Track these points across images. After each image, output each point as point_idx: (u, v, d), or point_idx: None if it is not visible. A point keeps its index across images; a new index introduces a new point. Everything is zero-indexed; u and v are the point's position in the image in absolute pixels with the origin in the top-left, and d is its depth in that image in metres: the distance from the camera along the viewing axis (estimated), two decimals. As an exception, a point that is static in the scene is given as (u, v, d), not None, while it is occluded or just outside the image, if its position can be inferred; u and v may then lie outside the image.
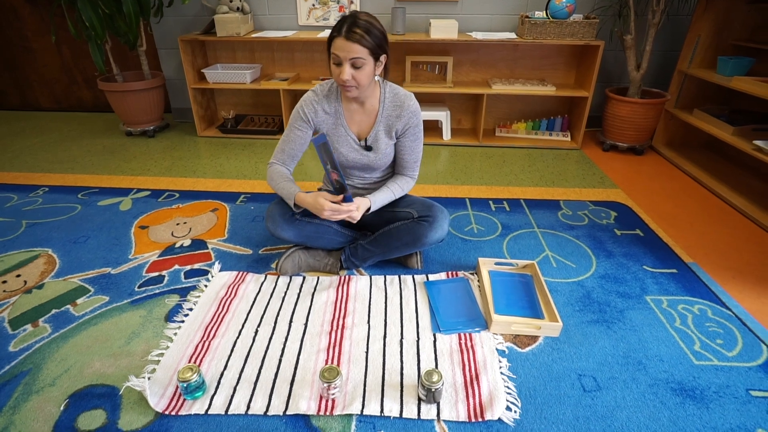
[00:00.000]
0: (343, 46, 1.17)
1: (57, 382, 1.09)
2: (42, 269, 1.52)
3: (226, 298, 1.38)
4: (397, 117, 1.35)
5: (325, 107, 1.36)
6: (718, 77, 2.18)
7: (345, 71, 1.19)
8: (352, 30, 1.16)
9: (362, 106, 1.36)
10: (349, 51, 1.17)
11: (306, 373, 1.12)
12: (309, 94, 1.37)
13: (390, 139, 1.39)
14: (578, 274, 1.52)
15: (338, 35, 1.18)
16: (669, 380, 1.10)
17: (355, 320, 1.29)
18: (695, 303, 1.38)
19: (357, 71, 1.20)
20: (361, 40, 1.16)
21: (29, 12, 3.06)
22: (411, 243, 1.40)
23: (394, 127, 1.36)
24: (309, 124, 1.37)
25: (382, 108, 1.36)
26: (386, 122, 1.36)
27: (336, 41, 1.18)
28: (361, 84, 1.23)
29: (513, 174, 2.33)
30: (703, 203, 2.04)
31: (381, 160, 1.40)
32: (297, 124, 1.37)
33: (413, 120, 1.36)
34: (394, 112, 1.35)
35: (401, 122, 1.35)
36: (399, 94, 1.36)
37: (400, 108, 1.35)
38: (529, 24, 2.41)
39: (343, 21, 1.18)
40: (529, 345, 1.22)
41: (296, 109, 1.37)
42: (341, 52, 1.18)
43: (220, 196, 2.05)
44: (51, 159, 2.51)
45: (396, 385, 1.09)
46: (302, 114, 1.35)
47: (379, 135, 1.37)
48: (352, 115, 1.37)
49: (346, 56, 1.18)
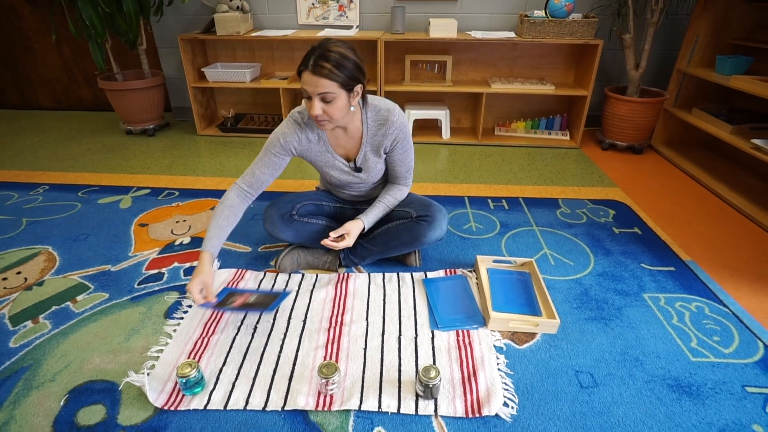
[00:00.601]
0: (310, 80, 1.09)
1: (57, 377, 1.10)
2: (42, 266, 1.53)
3: (225, 295, 1.38)
4: (383, 135, 1.30)
5: (309, 136, 1.30)
6: (717, 76, 2.18)
7: (315, 106, 1.12)
8: (319, 64, 1.08)
9: (345, 131, 1.31)
10: (317, 86, 1.09)
11: (304, 369, 1.12)
12: (290, 125, 1.28)
13: (379, 157, 1.36)
14: (576, 271, 1.53)
15: (305, 69, 1.09)
16: (666, 377, 1.11)
17: (353, 317, 1.30)
18: (692, 300, 1.38)
19: (328, 105, 1.13)
20: (329, 75, 1.08)
21: (29, 11, 3.07)
22: (410, 242, 1.41)
23: (382, 146, 1.32)
24: (288, 153, 1.30)
25: (366, 129, 1.30)
26: (372, 142, 1.32)
27: (303, 75, 1.10)
28: (333, 118, 1.16)
29: (512, 173, 2.34)
30: (701, 202, 2.04)
31: (373, 177, 1.40)
32: (275, 150, 1.28)
33: (400, 134, 1.31)
34: (379, 131, 1.30)
35: (388, 140, 1.31)
36: (381, 110, 1.29)
37: (384, 126, 1.29)
38: (528, 23, 2.41)
39: (311, 53, 1.10)
40: (527, 342, 1.23)
41: (276, 137, 1.28)
42: (309, 86, 1.10)
43: (220, 194, 2.06)
44: (51, 157, 2.52)
45: (394, 381, 1.09)
46: (283, 143, 1.27)
47: (367, 155, 1.34)
48: (337, 140, 1.33)
49: (315, 91, 1.10)
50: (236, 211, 1.29)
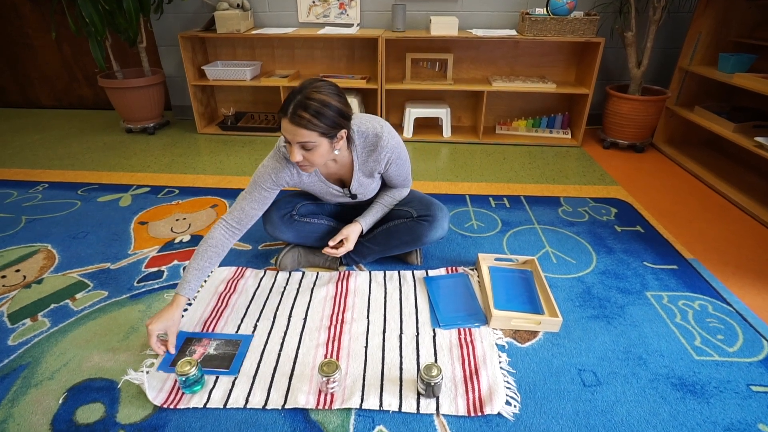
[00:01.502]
0: (289, 129, 1.04)
1: (56, 375, 1.09)
2: (41, 264, 1.52)
3: (225, 293, 1.38)
4: (375, 161, 1.26)
5: (299, 170, 1.24)
6: (720, 74, 2.17)
7: (294, 153, 1.07)
8: (297, 113, 1.02)
9: (335, 161, 1.26)
10: (296, 135, 1.04)
11: (305, 367, 1.12)
12: (279, 160, 1.21)
13: (373, 179, 1.33)
14: (578, 270, 1.52)
15: (284, 115, 1.04)
16: (669, 375, 1.10)
17: (354, 315, 1.29)
18: (696, 299, 1.37)
19: (308, 153, 1.08)
20: (308, 125, 1.02)
21: (30, 9, 3.06)
22: (411, 242, 1.40)
23: (375, 170, 1.29)
24: (279, 187, 1.25)
25: (356, 156, 1.25)
26: (364, 168, 1.28)
27: (283, 123, 1.05)
28: (315, 164, 1.12)
29: (513, 171, 2.33)
30: (703, 200, 2.03)
31: (370, 195, 1.39)
32: (266, 185, 1.22)
33: (392, 156, 1.25)
34: (370, 157, 1.25)
35: (381, 164, 1.26)
36: (369, 136, 1.23)
37: (375, 152, 1.24)
38: (529, 21, 2.40)
39: (291, 98, 1.04)
40: (529, 340, 1.22)
41: (267, 173, 1.22)
42: (288, 134, 1.05)
43: (220, 193, 2.05)
44: (51, 156, 2.51)
45: (395, 379, 1.08)
46: (275, 179, 1.22)
47: (361, 181, 1.31)
48: (329, 170, 1.30)
49: (293, 139, 1.05)
50: (220, 252, 1.21)
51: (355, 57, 2.82)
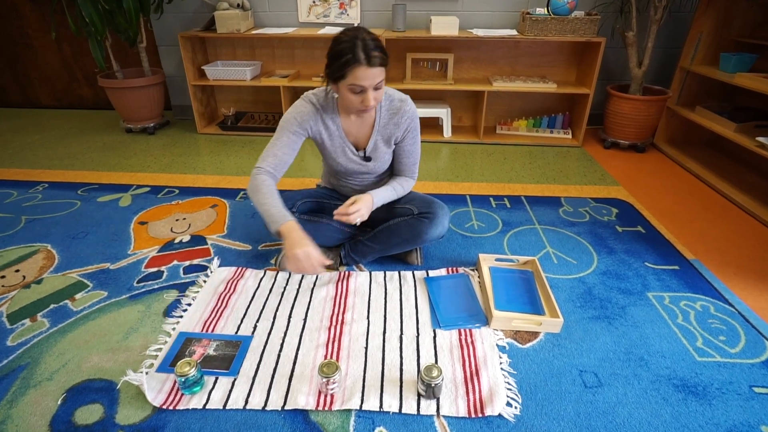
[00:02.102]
0: (368, 74, 1.09)
1: (55, 376, 1.09)
2: (41, 264, 1.52)
3: (224, 293, 1.37)
4: (395, 125, 1.30)
5: (324, 118, 1.28)
6: (721, 74, 2.16)
7: (370, 98, 1.12)
8: (372, 55, 1.08)
9: (360, 117, 1.30)
10: (374, 77, 1.10)
11: (305, 368, 1.11)
12: (306, 106, 1.26)
13: (389, 147, 1.36)
14: (579, 270, 1.51)
15: (359, 64, 1.07)
16: (671, 376, 1.09)
17: (354, 316, 1.28)
18: (697, 300, 1.36)
19: (378, 92, 1.15)
20: (383, 62, 1.10)
21: (30, 9, 3.06)
22: (411, 240, 1.39)
23: (393, 135, 1.32)
24: (305, 132, 1.28)
25: (378, 117, 1.30)
26: (384, 131, 1.32)
27: (359, 71, 1.08)
28: (379, 100, 1.18)
29: (514, 171, 2.32)
30: (704, 200, 2.02)
31: (380, 168, 1.39)
32: (293, 128, 1.26)
33: (412, 124, 1.32)
34: (392, 120, 1.30)
35: (400, 129, 1.31)
36: (394, 99, 1.31)
37: (397, 115, 1.29)
38: (530, 20, 2.40)
39: (355, 46, 1.07)
40: (530, 341, 1.21)
41: (291, 117, 1.25)
42: (367, 81, 1.09)
43: (220, 193, 2.05)
44: (51, 156, 2.51)
45: (395, 380, 1.08)
46: (300, 121, 1.25)
47: (377, 144, 1.34)
48: (350, 127, 1.32)
49: (372, 83, 1.11)
50: (275, 190, 1.24)
51: (355, 57, 2.81)
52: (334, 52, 1.11)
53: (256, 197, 1.22)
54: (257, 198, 1.21)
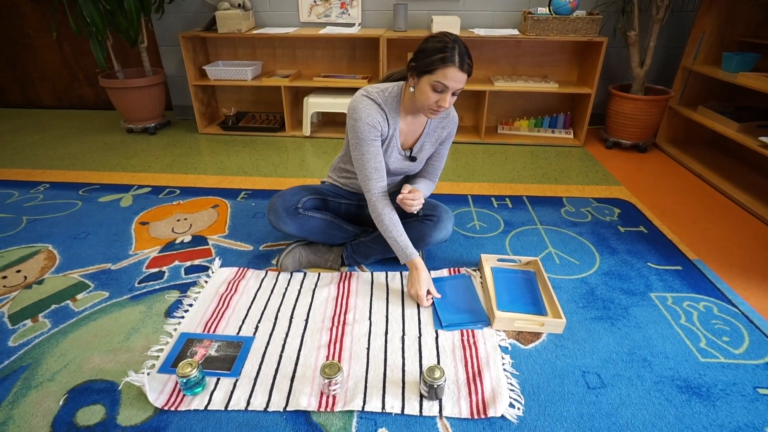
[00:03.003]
0: (458, 77, 1.12)
1: (56, 377, 1.09)
2: (42, 265, 1.51)
3: (226, 294, 1.37)
4: (443, 128, 1.36)
5: (386, 116, 1.27)
6: (723, 73, 2.16)
7: (448, 100, 1.15)
8: (465, 61, 1.12)
9: (414, 118, 1.32)
10: (460, 82, 1.13)
11: (306, 369, 1.11)
12: (371, 105, 1.24)
13: (432, 148, 1.40)
14: (582, 270, 1.51)
15: (453, 65, 1.10)
16: (674, 377, 1.09)
17: (356, 316, 1.28)
18: (701, 300, 1.36)
19: (453, 98, 1.18)
20: (470, 71, 1.14)
21: (31, 9, 3.06)
22: (414, 242, 1.38)
23: (440, 138, 1.38)
24: (380, 134, 1.26)
25: (430, 120, 1.34)
26: (433, 133, 1.37)
27: (449, 70, 1.10)
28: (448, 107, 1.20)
29: (515, 171, 2.32)
30: (706, 200, 2.02)
31: (417, 168, 1.42)
32: (371, 136, 1.24)
33: (454, 128, 1.39)
34: (441, 123, 1.35)
35: (446, 132, 1.37)
36: None
37: (446, 119, 1.35)
38: (532, 20, 2.39)
39: (449, 46, 1.10)
40: (533, 342, 1.21)
41: (363, 122, 1.22)
42: (453, 82, 1.12)
43: (221, 193, 2.04)
44: (52, 156, 2.51)
45: (398, 381, 1.08)
46: (373, 125, 1.23)
47: (424, 146, 1.37)
48: (405, 127, 1.33)
49: (456, 87, 1.13)
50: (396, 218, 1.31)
51: (356, 57, 2.81)
52: (431, 47, 1.13)
53: (381, 226, 1.31)
54: (382, 228, 1.31)
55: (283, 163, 2.40)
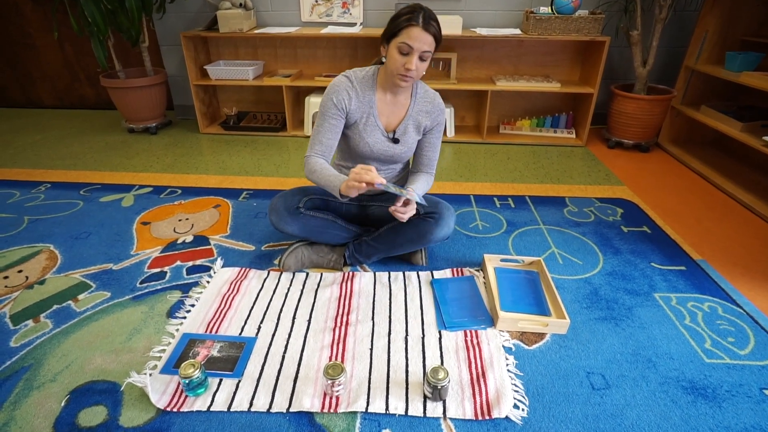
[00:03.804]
0: (421, 36, 1.14)
1: (58, 377, 1.08)
2: (44, 265, 1.51)
3: (228, 294, 1.36)
4: (426, 113, 1.35)
5: (359, 94, 1.29)
6: (726, 73, 2.15)
7: (413, 61, 1.16)
8: (429, 21, 1.14)
9: (395, 98, 1.33)
10: (424, 42, 1.15)
11: (309, 369, 1.10)
12: (341, 80, 1.29)
13: (417, 135, 1.38)
14: (585, 271, 1.50)
15: (416, 24, 1.13)
16: (680, 378, 1.08)
17: (359, 317, 1.27)
18: (705, 300, 1.35)
19: (421, 63, 1.19)
20: (435, 34, 1.16)
21: (31, 9, 3.05)
22: (416, 240, 1.38)
23: (423, 123, 1.36)
24: (342, 112, 1.29)
25: (413, 103, 1.35)
26: (416, 117, 1.36)
27: (412, 30, 1.14)
28: (418, 75, 1.21)
29: (517, 171, 2.31)
30: (710, 200, 2.01)
31: (405, 154, 1.40)
32: (331, 112, 1.28)
33: (441, 117, 1.37)
34: (425, 107, 1.35)
35: (430, 119, 1.36)
36: (429, 91, 1.38)
37: (431, 104, 1.35)
38: (534, 19, 2.39)
39: (414, 10, 1.15)
40: (536, 342, 1.20)
41: (328, 97, 1.27)
42: (416, 42, 1.14)
43: (223, 193, 2.04)
44: (53, 156, 2.50)
45: (401, 382, 1.07)
46: (335, 102, 1.27)
47: (408, 128, 1.36)
48: (384, 107, 1.34)
49: (420, 47, 1.15)
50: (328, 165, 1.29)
51: (358, 56, 2.80)
52: (398, 14, 1.18)
53: (313, 177, 1.27)
54: (315, 177, 1.27)
55: (285, 163, 2.40)
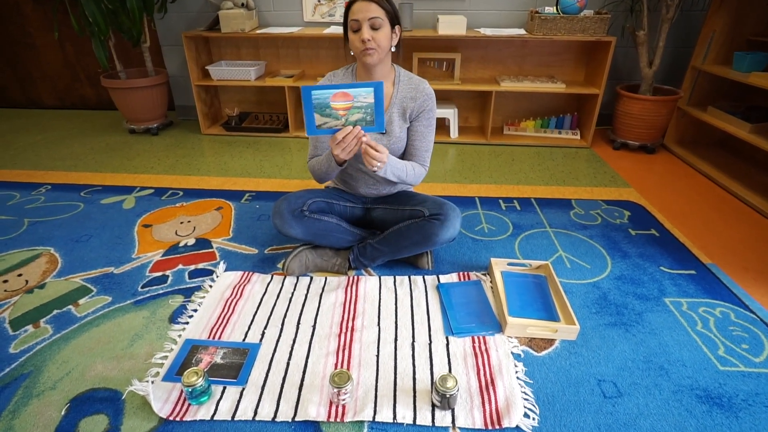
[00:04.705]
0: (362, 7, 1.18)
1: (58, 385, 1.06)
2: (44, 268, 1.49)
3: (231, 298, 1.34)
4: (411, 98, 1.33)
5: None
6: (735, 73, 2.12)
7: (365, 31, 1.18)
8: None
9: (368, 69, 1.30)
10: (368, 11, 1.17)
11: (315, 377, 1.08)
12: (323, 79, 1.37)
13: (404, 122, 1.35)
14: (593, 275, 1.48)
15: (356, 0, 1.19)
16: (693, 387, 1.06)
17: (364, 322, 1.25)
18: (717, 305, 1.33)
19: (376, 32, 1.19)
20: (378, 2, 1.18)
21: (32, 8, 3.03)
22: (421, 242, 1.36)
23: (408, 109, 1.33)
24: None
25: (396, 89, 1.33)
26: (400, 104, 1.33)
27: (354, 6, 1.19)
28: (380, 45, 1.21)
29: (522, 173, 2.29)
30: (717, 202, 1.99)
31: (394, 145, 1.35)
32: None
33: (428, 103, 1.34)
34: (409, 93, 1.33)
35: (416, 104, 1.33)
36: (414, 77, 1.36)
37: (416, 90, 1.33)
38: (539, 19, 2.36)
39: None
40: (546, 349, 1.18)
41: None
42: (360, 13, 1.18)
43: (225, 195, 2.02)
44: (53, 157, 2.48)
45: (408, 390, 1.05)
46: None
47: (392, 117, 1.33)
48: None
49: (365, 16, 1.17)
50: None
51: (360, 56, 2.77)
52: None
53: (314, 171, 1.37)
54: (315, 170, 1.37)
55: (287, 164, 2.38)
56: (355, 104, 1.15)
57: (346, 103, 1.15)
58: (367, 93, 1.13)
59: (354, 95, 1.13)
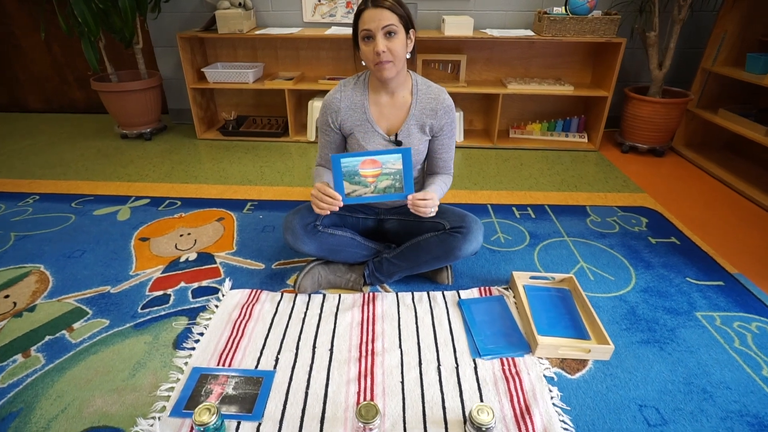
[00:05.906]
0: (374, 15, 1.10)
1: (52, 424, 0.96)
2: (33, 288, 1.38)
3: (239, 320, 1.25)
4: (432, 111, 1.25)
5: (350, 99, 1.26)
6: (748, 75, 2.08)
7: (379, 42, 1.10)
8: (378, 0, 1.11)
9: (392, 98, 1.25)
10: (381, 19, 1.09)
11: (337, 408, 0.99)
12: (331, 95, 1.28)
13: (423, 135, 1.28)
14: (618, 287, 1.41)
15: (366, 7, 1.11)
16: (743, 412, 1.00)
17: (385, 344, 1.17)
18: (752, 320, 1.27)
19: (391, 41, 1.11)
20: (391, 8, 1.11)
21: (16, 7, 2.89)
22: (442, 256, 1.28)
23: (428, 123, 1.26)
24: (335, 127, 1.29)
25: (415, 100, 1.25)
26: (419, 117, 1.26)
27: (365, 14, 1.11)
28: (396, 56, 1.13)
29: (532, 177, 2.22)
30: (734, 207, 1.94)
31: (414, 157, 1.28)
32: (324, 128, 1.31)
33: (449, 117, 1.27)
34: (429, 105, 1.25)
35: (436, 119, 1.26)
36: (432, 86, 1.28)
37: (435, 102, 1.25)
38: (547, 20, 2.30)
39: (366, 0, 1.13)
40: (579, 370, 1.11)
41: (321, 114, 1.31)
42: (372, 23, 1.10)
43: (225, 204, 1.92)
44: (41, 163, 2.35)
45: (439, 421, 0.97)
46: (325, 120, 1.29)
47: (411, 130, 1.26)
48: (381, 110, 1.26)
49: (378, 25, 1.10)
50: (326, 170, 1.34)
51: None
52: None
53: (314, 174, 1.35)
54: (316, 173, 1.35)
55: (289, 170, 2.28)
56: (383, 171, 1.12)
57: (375, 170, 1.13)
58: (396, 159, 1.11)
59: (382, 162, 1.11)
